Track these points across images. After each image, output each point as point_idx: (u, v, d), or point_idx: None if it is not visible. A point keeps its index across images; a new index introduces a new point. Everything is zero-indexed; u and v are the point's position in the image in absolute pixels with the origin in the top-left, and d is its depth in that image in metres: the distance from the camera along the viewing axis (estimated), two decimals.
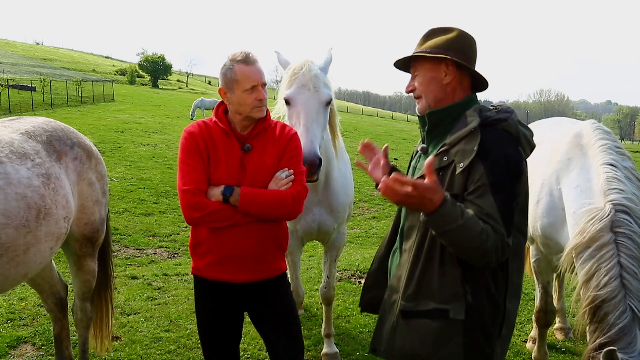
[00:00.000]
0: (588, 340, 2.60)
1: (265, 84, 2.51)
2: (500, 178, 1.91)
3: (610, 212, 2.72)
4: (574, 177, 3.21)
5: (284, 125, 2.68)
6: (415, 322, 2.04)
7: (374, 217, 9.78)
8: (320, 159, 2.99)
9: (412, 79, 2.16)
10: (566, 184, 3.27)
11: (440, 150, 2.03)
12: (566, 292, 5.79)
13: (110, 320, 3.87)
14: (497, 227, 1.87)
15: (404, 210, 2.23)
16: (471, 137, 1.96)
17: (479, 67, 2.14)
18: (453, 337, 2.00)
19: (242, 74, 2.44)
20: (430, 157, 1.92)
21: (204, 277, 2.59)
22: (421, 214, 1.91)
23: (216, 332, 2.65)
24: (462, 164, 1.94)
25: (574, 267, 2.81)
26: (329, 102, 3.27)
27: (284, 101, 3.28)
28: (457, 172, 1.94)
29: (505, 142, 1.97)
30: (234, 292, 2.58)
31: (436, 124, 2.11)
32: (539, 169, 3.55)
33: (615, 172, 2.94)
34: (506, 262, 2.01)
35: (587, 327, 2.61)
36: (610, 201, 2.77)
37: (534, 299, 4.99)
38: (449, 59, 2.04)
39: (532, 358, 4.11)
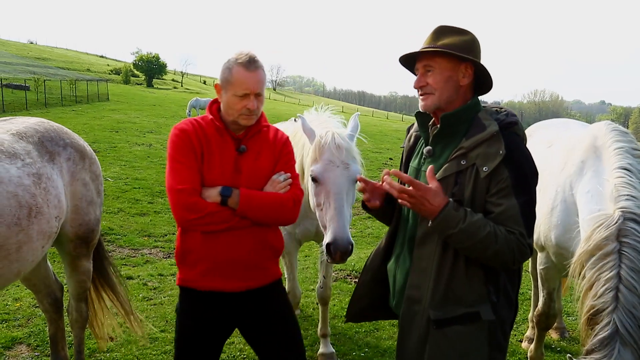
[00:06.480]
0: None
1: (260, 95, 2.39)
2: (523, 180, 1.96)
3: (618, 219, 2.62)
4: (586, 182, 3.08)
5: (277, 130, 2.62)
6: (448, 330, 2.03)
7: (369, 217, 9.76)
8: (352, 245, 2.76)
9: (423, 75, 2.10)
10: (579, 189, 3.14)
11: (457, 153, 2.02)
12: (571, 297, 5.84)
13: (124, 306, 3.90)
14: (517, 228, 1.92)
15: (411, 219, 2.21)
16: (493, 141, 1.97)
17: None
18: (481, 339, 2.02)
19: (237, 78, 2.33)
20: (431, 166, 2.00)
21: (195, 288, 2.44)
22: (429, 221, 1.98)
23: (201, 349, 2.48)
24: (486, 167, 1.95)
25: (583, 274, 2.73)
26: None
27: (310, 179, 3.02)
28: (481, 176, 1.96)
29: (522, 146, 2.03)
30: (229, 303, 2.45)
31: (449, 126, 2.09)
32: (553, 175, 3.43)
33: (630, 177, 2.81)
34: None
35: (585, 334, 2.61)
36: (620, 208, 2.66)
37: (530, 299, 5.02)
38: (469, 62, 2.03)
39: (528, 358, 4.12)
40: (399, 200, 2.02)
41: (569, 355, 2.41)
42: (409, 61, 2.17)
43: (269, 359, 2.54)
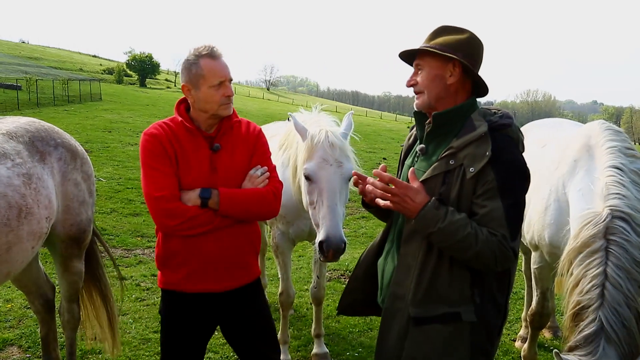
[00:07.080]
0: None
1: (232, 80, 2.39)
2: (509, 183, 1.94)
3: (606, 218, 2.62)
4: (578, 180, 3.09)
5: (248, 122, 2.59)
6: (427, 328, 2.03)
7: (362, 217, 9.74)
8: (345, 243, 2.74)
9: (415, 73, 2.12)
10: (571, 188, 3.14)
11: (446, 153, 2.02)
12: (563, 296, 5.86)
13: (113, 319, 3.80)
14: (500, 230, 1.91)
15: (401, 215, 2.20)
16: (481, 142, 1.96)
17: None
18: (462, 341, 2.01)
19: (208, 69, 2.30)
20: (412, 168, 2.02)
21: (182, 291, 2.42)
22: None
23: (187, 350, 2.50)
24: (472, 168, 1.95)
25: (570, 272, 2.75)
26: (351, 177, 3.03)
27: (303, 176, 2.98)
28: (467, 177, 1.95)
29: (512, 148, 2.01)
30: (214, 303, 2.45)
31: (441, 125, 2.09)
32: (547, 174, 3.44)
33: (621, 176, 2.80)
34: None
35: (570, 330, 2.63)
36: (609, 207, 2.66)
37: (523, 298, 5.03)
38: (456, 60, 2.02)
39: (522, 357, 4.13)
40: (381, 203, 2.02)
41: (555, 350, 2.41)
42: (410, 60, 2.17)
43: (249, 355, 2.56)
